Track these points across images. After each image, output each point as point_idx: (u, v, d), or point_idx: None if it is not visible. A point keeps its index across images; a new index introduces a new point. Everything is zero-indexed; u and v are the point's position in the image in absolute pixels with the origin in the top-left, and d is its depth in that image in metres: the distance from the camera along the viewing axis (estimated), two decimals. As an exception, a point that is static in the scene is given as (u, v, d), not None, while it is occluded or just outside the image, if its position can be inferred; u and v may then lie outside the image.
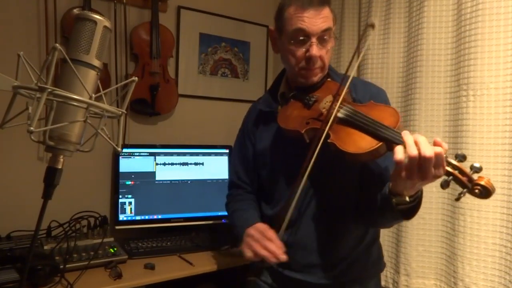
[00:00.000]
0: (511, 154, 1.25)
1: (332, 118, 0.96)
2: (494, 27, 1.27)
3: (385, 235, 1.63)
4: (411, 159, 0.79)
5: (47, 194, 0.66)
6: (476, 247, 1.30)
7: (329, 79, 1.15)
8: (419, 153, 0.79)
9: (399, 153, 0.81)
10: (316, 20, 1.02)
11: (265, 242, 1.01)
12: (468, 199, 1.28)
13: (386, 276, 1.60)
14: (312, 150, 0.95)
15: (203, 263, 1.59)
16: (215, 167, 1.95)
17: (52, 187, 0.67)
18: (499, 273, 1.26)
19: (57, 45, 0.60)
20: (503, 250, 1.26)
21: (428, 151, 0.78)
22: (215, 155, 1.97)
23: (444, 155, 0.80)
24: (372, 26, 1.15)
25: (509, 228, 1.24)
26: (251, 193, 1.31)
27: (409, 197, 0.90)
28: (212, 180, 1.33)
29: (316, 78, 1.10)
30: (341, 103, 0.99)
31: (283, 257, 0.98)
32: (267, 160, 1.19)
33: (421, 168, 0.80)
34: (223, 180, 1.91)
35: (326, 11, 1.04)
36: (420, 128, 1.48)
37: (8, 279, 1.23)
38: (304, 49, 1.05)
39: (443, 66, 1.45)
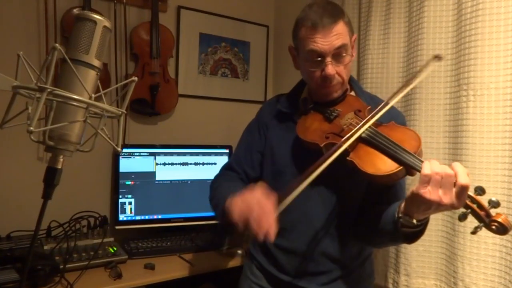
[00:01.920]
0: (511, 154, 1.25)
1: (355, 137, 0.95)
2: (494, 27, 1.27)
3: (385, 235, 1.62)
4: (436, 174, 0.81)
5: (47, 194, 0.67)
6: (476, 247, 1.29)
7: (351, 94, 1.15)
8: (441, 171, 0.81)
9: (426, 168, 0.82)
10: (328, 39, 1.00)
11: (262, 214, 0.88)
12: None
13: (386, 276, 1.60)
14: (323, 160, 0.92)
15: (203, 263, 1.59)
16: (215, 167, 1.95)
17: (52, 187, 0.67)
18: (499, 273, 1.26)
19: (57, 45, 0.60)
20: (503, 250, 1.25)
21: (449, 170, 0.80)
22: (215, 155, 1.97)
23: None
24: (439, 58, 1.06)
25: (509, 228, 1.24)
26: (244, 181, 1.26)
27: (417, 221, 0.89)
28: (212, 180, 1.32)
29: (336, 94, 1.10)
30: (364, 122, 0.97)
31: (272, 238, 0.86)
32: (275, 160, 1.17)
33: (444, 185, 0.80)
34: (223, 180, 1.92)
35: (339, 27, 1.02)
36: (420, 128, 1.48)
37: (8, 279, 1.24)
38: (320, 69, 1.04)
39: (443, 66, 1.44)
